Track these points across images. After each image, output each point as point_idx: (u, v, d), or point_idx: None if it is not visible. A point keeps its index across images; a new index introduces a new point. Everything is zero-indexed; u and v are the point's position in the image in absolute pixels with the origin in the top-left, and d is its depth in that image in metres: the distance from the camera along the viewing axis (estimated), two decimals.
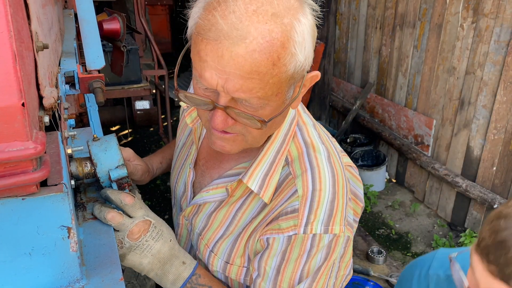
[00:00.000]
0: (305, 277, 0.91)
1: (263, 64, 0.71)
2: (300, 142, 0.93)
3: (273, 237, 0.89)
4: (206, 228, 1.04)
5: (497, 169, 3.15)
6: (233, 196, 0.97)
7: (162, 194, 4.25)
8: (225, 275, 1.04)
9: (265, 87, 0.74)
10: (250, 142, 0.87)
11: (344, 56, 4.73)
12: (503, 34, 2.92)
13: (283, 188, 0.91)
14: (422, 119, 3.71)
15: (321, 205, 0.87)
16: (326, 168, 0.90)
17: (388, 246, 3.47)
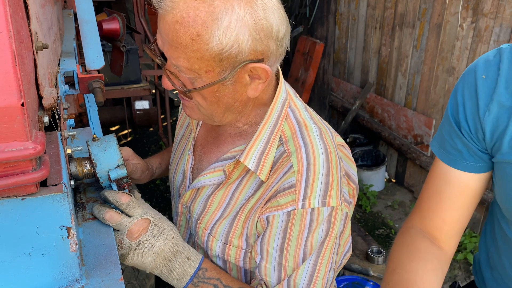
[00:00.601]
0: (309, 253, 0.93)
1: (182, 36, 0.80)
2: (293, 122, 0.98)
3: (273, 215, 0.92)
4: (204, 212, 1.06)
5: None
6: (230, 178, 1.00)
7: (162, 194, 4.25)
8: (224, 259, 1.05)
9: (189, 59, 0.82)
10: (204, 113, 0.95)
11: (344, 56, 4.73)
12: (503, 34, 2.93)
13: (278, 166, 0.94)
14: (421, 119, 3.71)
15: (316, 179, 0.90)
16: (319, 144, 0.94)
17: (387, 246, 3.47)
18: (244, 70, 0.87)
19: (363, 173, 4.11)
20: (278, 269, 0.95)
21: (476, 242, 3.22)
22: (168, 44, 0.83)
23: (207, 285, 0.96)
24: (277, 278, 0.96)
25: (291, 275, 0.94)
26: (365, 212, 3.90)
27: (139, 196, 0.98)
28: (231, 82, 0.88)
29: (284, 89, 1.01)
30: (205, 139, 1.12)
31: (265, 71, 0.87)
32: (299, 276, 0.94)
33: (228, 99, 0.91)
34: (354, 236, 3.32)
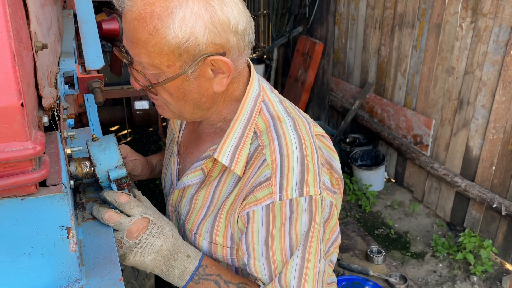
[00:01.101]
0: (295, 245, 0.93)
1: (140, 32, 0.82)
2: (266, 116, 0.98)
3: (252, 210, 0.92)
4: (189, 212, 1.07)
5: (496, 169, 3.15)
6: (211, 177, 1.02)
7: (162, 194, 4.25)
8: (213, 258, 1.05)
9: (149, 54, 0.84)
10: (173, 110, 0.96)
11: (343, 56, 4.73)
12: (502, 34, 2.93)
13: (253, 160, 0.95)
14: (421, 119, 3.71)
15: (291, 169, 0.91)
16: (292, 135, 0.94)
17: (387, 246, 3.47)
18: (205, 64, 0.87)
19: (362, 173, 4.11)
20: (267, 264, 0.95)
21: (476, 242, 3.23)
22: (130, 41, 0.85)
23: (208, 281, 0.96)
24: (269, 274, 0.96)
25: (281, 271, 0.94)
26: (365, 212, 3.91)
27: (140, 194, 0.98)
28: (194, 77, 0.89)
29: (257, 83, 1.02)
30: (188, 140, 1.14)
31: (226, 64, 0.87)
32: (289, 272, 0.94)
33: (194, 94, 0.92)
34: (354, 236, 3.32)
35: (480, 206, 3.32)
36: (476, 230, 3.39)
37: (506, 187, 3.11)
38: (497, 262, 3.21)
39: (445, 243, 3.36)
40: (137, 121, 4.94)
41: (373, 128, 4.27)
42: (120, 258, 0.90)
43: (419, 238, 3.55)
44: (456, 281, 3.08)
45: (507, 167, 3.06)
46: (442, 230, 3.60)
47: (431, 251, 3.38)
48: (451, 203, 3.59)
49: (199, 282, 0.96)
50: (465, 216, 3.49)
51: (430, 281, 3.10)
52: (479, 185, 3.29)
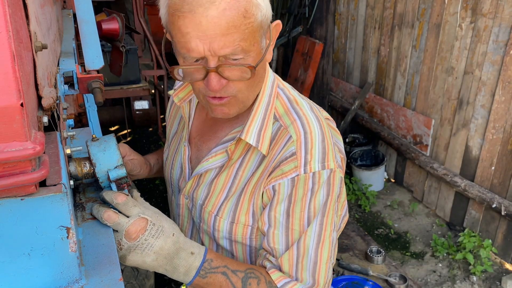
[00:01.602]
0: (313, 215, 1.00)
1: (235, 18, 0.84)
2: (284, 100, 1.06)
3: (278, 183, 0.99)
4: (208, 196, 1.10)
5: (495, 169, 3.15)
6: (232, 159, 1.06)
7: (162, 194, 4.25)
8: (231, 240, 1.09)
9: (244, 38, 0.86)
10: (242, 100, 0.99)
11: (343, 56, 4.73)
12: (502, 34, 2.93)
13: (277, 139, 1.02)
14: (420, 119, 3.71)
15: (314, 145, 0.99)
16: (312, 116, 1.03)
17: (387, 246, 3.48)
18: (267, 33, 0.94)
19: (362, 173, 4.11)
20: (285, 234, 1.00)
21: (476, 242, 3.23)
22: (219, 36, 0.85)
23: (215, 274, 0.97)
24: (285, 244, 1.01)
25: (300, 238, 1.00)
26: (364, 212, 3.91)
27: (138, 195, 0.98)
28: (263, 48, 0.95)
29: (271, 72, 1.10)
30: (201, 129, 1.16)
31: (279, 26, 0.96)
32: (308, 238, 1.00)
33: (261, 70, 0.98)
34: (354, 236, 3.32)
35: (479, 206, 3.32)
36: (475, 230, 3.39)
37: (505, 187, 3.11)
38: (497, 262, 3.21)
39: (444, 243, 3.36)
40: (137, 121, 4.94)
41: (373, 128, 4.27)
42: (120, 259, 0.90)
43: (419, 238, 3.55)
44: (455, 281, 3.09)
45: (507, 167, 3.07)
46: (441, 230, 3.60)
47: (431, 251, 3.39)
48: (451, 203, 3.59)
49: (206, 277, 0.96)
50: (464, 216, 3.49)
51: (429, 281, 3.10)
52: (479, 185, 3.29)
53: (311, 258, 1.00)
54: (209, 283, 0.97)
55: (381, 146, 4.34)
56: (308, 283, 1.02)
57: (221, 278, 0.97)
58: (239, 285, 0.98)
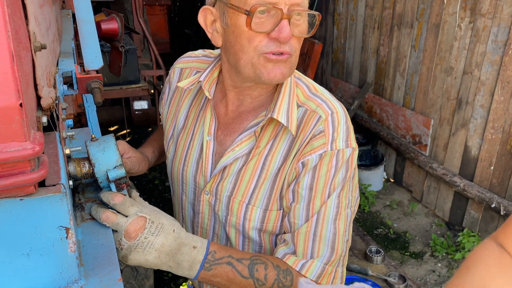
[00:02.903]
0: (333, 190, 1.04)
1: None
2: (303, 87, 1.11)
3: (307, 159, 1.03)
4: (236, 187, 1.10)
5: (494, 169, 3.15)
6: (258, 147, 1.08)
7: (161, 194, 4.26)
8: (261, 229, 1.10)
9: None
10: (294, 63, 1.03)
11: (342, 56, 4.73)
12: (500, 34, 2.93)
13: (305, 122, 1.05)
14: (420, 118, 3.72)
15: (340, 124, 1.04)
16: (334, 99, 1.09)
17: (386, 246, 3.48)
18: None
19: (361, 173, 4.11)
20: (306, 208, 1.04)
21: (475, 242, 3.23)
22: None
23: (220, 265, 0.97)
24: (305, 217, 1.04)
25: (320, 210, 1.03)
26: (364, 212, 3.91)
27: (137, 195, 0.98)
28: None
29: None
30: (223, 123, 1.15)
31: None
32: (328, 210, 1.04)
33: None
34: (353, 236, 3.32)
35: (479, 206, 3.32)
36: (475, 229, 3.39)
37: (504, 186, 3.11)
38: None
39: (444, 243, 3.37)
40: (136, 121, 4.94)
41: (372, 128, 4.27)
42: (122, 259, 0.90)
43: (418, 238, 3.55)
44: None
45: (506, 167, 3.07)
46: (441, 229, 3.60)
47: (430, 250, 3.39)
48: (450, 203, 3.60)
49: (211, 269, 0.96)
50: (464, 215, 3.49)
51: (429, 281, 3.10)
52: (478, 184, 3.29)
53: (330, 229, 1.04)
54: (215, 275, 0.97)
55: (380, 146, 4.34)
56: (325, 255, 1.04)
57: (227, 269, 0.97)
58: (246, 273, 0.98)
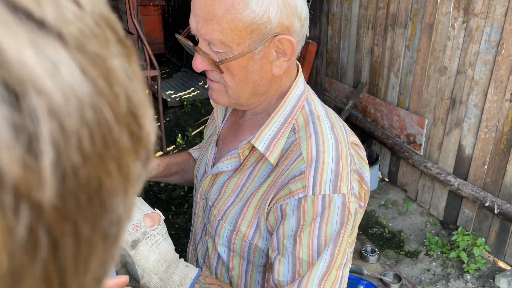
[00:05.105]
0: (324, 246, 0.89)
1: (218, 7, 0.83)
2: (307, 113, 1.00)
3: (286, 203, 0.91)
4: (218, 198, 1.07)
5: (488, 168, 3.18)
6: (245, 165, 1.02)
7: (156, 195, 4.24)
8: (230, 248, 1.05)
9: (223, 30, 0.84)
10: (231, 95, 0.96)
11: (337, 56, 4.74)
12: (493, 34, 2.95)
13: (289, 153, 0.95)
14: (414, 118, 3.73)
15: (326, 165, 0.91)
16: (330, 135, 0.95)
17: (381, 245, 3.49)
18: (272, 44, 0.89)
19: None
20: (292, 263, 0.91)
21: (469, 240, 3.25)
22: (202, 19, 0.85)
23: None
24: (291, 276, 0.91)
25: (306, 273, 0.90)
26: None
27: (140, 199, 1.00)
28: (259, 57, 0.90)
29: (302, 83, 1.05)
30: (228, 131, 1.15)
31: (291, 45, 0.89)
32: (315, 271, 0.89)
33: (255, 76, 0.93)
34: None
35: (473, 205, 3.34)
36: (469, 228, 3.41)
37: (498, 185, 3.13)
38: (490, 260, 3.24)
39: (438, 242, 3.38)
40: None
41: (367, 128, 4.29)
42: (132, 244, 0.88)
43: (413, 237, 3.57)
44: (449, 279, 3.10)
45: (499, 166, 3.09)
46: (435, 228, 3.62)
47: (425, 249, 3.40)
48: (444, 202, 3.62)
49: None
50: (458, 214, 3.51)
51: (424, 280, 3.11)
52: (472, 183, 3.31)
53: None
54: None
55: (375, 145, 4.35)
56: None
57: None
58: None
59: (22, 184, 0.18)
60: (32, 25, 0.19)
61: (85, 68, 0.21)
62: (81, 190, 0.20)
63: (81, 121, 0.20)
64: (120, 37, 0.25)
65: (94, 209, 0.21)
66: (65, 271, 0.21)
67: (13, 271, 0.18)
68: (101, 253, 0.23)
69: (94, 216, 0.21)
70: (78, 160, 0.20)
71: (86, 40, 0.21)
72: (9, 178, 0.17)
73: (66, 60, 0.20)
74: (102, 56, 0.22)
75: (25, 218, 0.18)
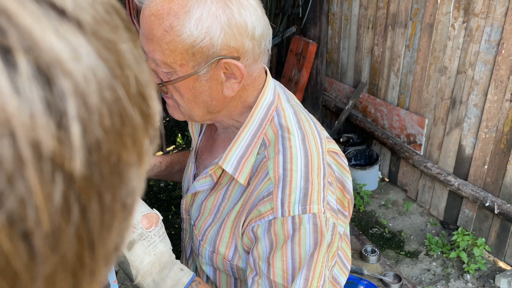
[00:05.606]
0: (298, 268, 0.87)
1: (156, 28, 0.81)
2: (276, 126, 0.94)
3: (257, 225, 0.89)
4: (198, 217, 1.05)
5: (488, 168, 3.17)
6: (220, 184, 0.99)
7: (156, 195, 4.24)
8: (214, 267, 1.04)
9: (163, 51, 0.83)
10: (184, 112, 0.94)
11: (337, 56, 4.74)
12: (494, 34, 2.95)
13: (258, 172, 0.92)
14: (414, 118, 3.73)
15: (294, 184, 0.87)
16: (299, 149, 0.90)
17: (381, 245, 3.49)
18: (218, 67, 0.85)
19: (356, 173, 4.12)
20: (269, 285, 0.89)
21: (469, 240, 3.25)
22: (145, 37, 0.85)
23: None
24: None
25: None
26: (359, 212, 3.92)
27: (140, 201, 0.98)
28: (206, 78, 0.87)
29: (271, 92, 0.97)
30: (205, 146, 1.12)
31: (238, 69, 0.85)
32: None
33: (205, 96, 0.90)
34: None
35: (473, 205, 3.34)
36: (469, 228, 3.41)
37: (498, 185, 3.13)
38: (490, 260, 3.23)
39: (438, 242, 3.38)
40: None
41: (367, 128, 4.29)
42: (127, 245, 0.88)
43: (413, 237, 3.57)
44: (449, 279, 3.10)
45: (499, 166, 3.09)
46: (435, 229, 3.62)
47: (425, 249, 3.40)
48: (445, 202, 3.61)
49: None
50: (458, 214, 3.51)
51: (424, 280, 3.11)
52: (472, 184, 3.31)
53: None
54: None
55: (375, 145, 4.35)
56: None
57: None
58: None
59: (57, 155, 0.20)
60: (55, 14, 0.22)
61: (100, 52, 0.23)
62: (104, 162, 0.22)
63: (101, 100, 0.22)
64: (126, 23, 0.27)
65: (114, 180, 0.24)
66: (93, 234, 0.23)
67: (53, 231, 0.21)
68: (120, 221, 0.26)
69: (114, 186, 0.24)
70: (101, 135, 0.22)
71: (99, 27, 0.23)
72: (46, 151, 0.20)
73: (85, 45, 0.22)
74: (113, 41, 0.24)
75: (60, 186, 0.21)
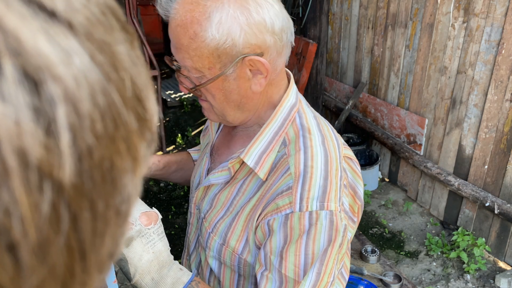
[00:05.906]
0: (311, 264, 0.88)
1: (183, 37, 0.87)
2: (297, 126, 0.99)
3: (273, 218, 0.91)
4: (209, 210, 1.07)
5: (488, 168, 3.17)
6: (236, 178, 1.02)
7: (156, 195, 4.24)
8: (220, 261, 1.05)
9: (192, 58, 0.88)
10: (217, 113, 0.99)
11: (337, 56, 4.74)
12: (494, 34, 2.95)
13: (277, 167, 0.95)
14: (414, 118, 3.73)
15: (314, 181, 0.90)
16: (320, 149, 0.94)
17: (381, 245, 3.49)
18: (244, 65, 0.90)
19: None
20: (279, 280, 0.89)
21: (469, 241, 3.25)
22: (175, 47, 0.90)
23: None
24: None
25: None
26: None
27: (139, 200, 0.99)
28: (233, 78, 0.91)
29: (294, 94, 1.03)
30: (222, 142, 1.15)
31: (262, 65, 0.90)
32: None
33: (235, 95, 0.94)
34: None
35: (473, 205, 3.34)
36: (469, 228, 3.41)
37: (498, 185, 3.13)
38: (490, 260, 3.23)
39: (438, 242, 3.38)
40: None
41: (367, 128, 4.28)
42: (125, 242, 0.88)
43: (413, 237, 3.57)
44: (450, 279, 3.10)
45: (500, 166, 3.09)
46: (435, 229, 3.62)
47: (425, 250, 3.40)
48: (445, 202, 3.61)
49: None
50: (458, 214, 3.51)
51: (424, 280, 3.11)
52: (472, 184, 3.31)
53: None
54: None
55: (375, 145, 4.35)
56: None
57: None
58: None
59: (44, 164, 0.19)
60: (44, 16, 0.21)
61: (93, 55, 0.22)
62: (95, 169, 0.22)
63: (93, 105, 0.21)
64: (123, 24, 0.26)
65: (107, 187, 0.23)
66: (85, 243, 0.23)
67: (41, 242, 0.20)
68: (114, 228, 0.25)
69: (108, 194, 0.23)
70: (92, 141, 0.21)
71: (93, 28, 0.23)
72: (33, 159, 0.19)
73: (77, 47, 0.21)
74: (108, 43, 0.23)
75: (48, 195, 0.20)
